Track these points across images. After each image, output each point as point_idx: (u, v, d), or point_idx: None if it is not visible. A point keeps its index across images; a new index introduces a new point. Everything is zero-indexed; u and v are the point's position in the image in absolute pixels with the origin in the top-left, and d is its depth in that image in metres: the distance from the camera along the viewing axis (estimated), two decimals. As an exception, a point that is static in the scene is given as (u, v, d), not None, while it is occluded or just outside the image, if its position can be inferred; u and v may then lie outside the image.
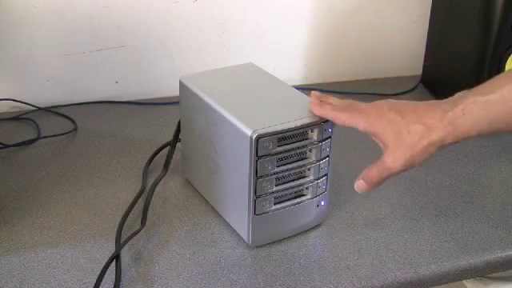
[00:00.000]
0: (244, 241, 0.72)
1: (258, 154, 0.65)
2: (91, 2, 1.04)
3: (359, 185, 0.67)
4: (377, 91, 1.18)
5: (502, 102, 0.57)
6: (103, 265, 0.66)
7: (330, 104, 0.68)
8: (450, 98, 0.62)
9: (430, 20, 1.16)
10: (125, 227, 0.74)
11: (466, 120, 0.59)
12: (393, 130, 0.61)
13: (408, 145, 0.60)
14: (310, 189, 0.72)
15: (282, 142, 0.67)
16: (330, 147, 0.71)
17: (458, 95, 0.62)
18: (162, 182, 0.83)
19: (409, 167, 0.62)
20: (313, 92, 0.70)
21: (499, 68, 0.99)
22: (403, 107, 0.63)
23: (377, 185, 0.65)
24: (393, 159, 0.62)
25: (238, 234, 0.73)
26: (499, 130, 0.59)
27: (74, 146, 0.95)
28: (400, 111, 0.62)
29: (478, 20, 0.99)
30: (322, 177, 0.72)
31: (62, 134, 0.98)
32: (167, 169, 0.85)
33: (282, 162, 0.68)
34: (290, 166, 0.69)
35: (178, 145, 0.85)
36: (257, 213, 0.69)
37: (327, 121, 0.68)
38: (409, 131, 0.60)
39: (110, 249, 0.70)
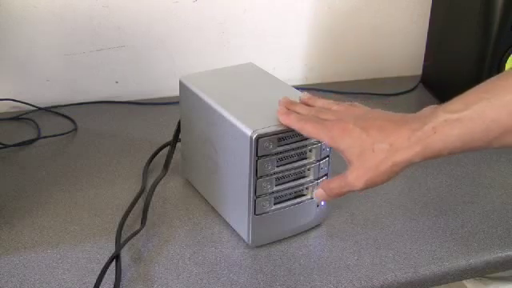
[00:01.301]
0: (244, 241, 0.72)
1: (258, 154, 0.65)
2: (91, 1, 1.04)
3: (318, 193, 0.66)
4: (377, 91, 1.18)
5: (476, 120, 0.53)
6: (103, 265, 0.66)
7: (297, 114, 0.65)
8: (418, 114, 0.58)
9: (430, 20, 1.16)
10: (125, 227, 0.74)
11: (437, 139, 0.55)
12: (357, 148, 0.59)
13: (371, 164, 0.58)
14: (310, 189, 0.72)
15: (282, 142, 0.67)
16: (330, 147, 0.71)
17: (427, 111, 0.58)
18: (162, 181, 0.83)
19: (371, 186, 0.59)
20: (281, 99, 0.68)
21: (499, 68, 0.99)
22: (369, 124, 0.59)
23: (335, 197, 0.64)
24: (355, 177, 0.59)
25: (238, 234, 0.73)
26: (474, 148, 0.55)
27: (74, 146, 0.95)
28: (365, 128, 0.59)
29: (478, 20, 0.99)
30: (322, 177, 0.72)
31: (62, 134, 0.98)
32: (167, 169, 0.85)
33: (282, 162, 0.68)
34: (289, 166, 0.69)
35: (178, 145, 0.85)
36: (257, 213, 0.69)
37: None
38: (373, 150, 0.57)
39: (110, 249, 0.70)
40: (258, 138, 0.64)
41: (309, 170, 0.71)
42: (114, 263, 0.67)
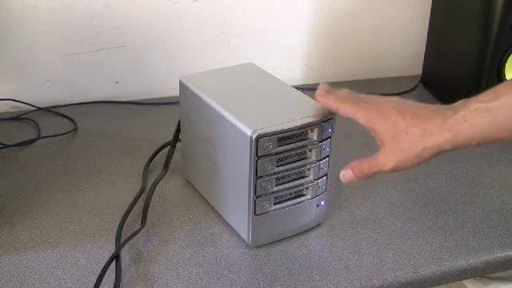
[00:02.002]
0: (244, 241, 0.72)
1: (258, 154, 0.65)
2: (91, 1, 1.04)
3: (346, 174, 0.66)
4: (377, 91, 1.17)
5: (505, 110, 0.57)
6: (103, 265, 0.66)
7: (335, 96, 0.67)
8: (451, 105, 0.61)
9: (430, 20, 1.16)
10: (125, 227, 0.74)
11: (467, 128, 0.58)
12: (391, 130, 0.61)
13: (403, 147, 0.60)
14: (310, 189, 0.72)
15: (282, 142, 0.67)
16: (330, 147, 0.71)
17: (459, 102, 0.61)
18: (161, 181, 0.83)
19: (400, 169, 0.62)
20: (321, 83, 0.70)
21: (499, 68, 0.99)
22: (406, 109, 0.62)
23: (364, 178, 0.65)
24: (386, 158, 0.62)
25: (238, 234, 0.73)
26: (501, 139, 0.58)
27: (74, 146, 0.95)
28: (402, 112, 0.62)
29: (478, 20, 0.99)
30: (322, 177, 0.72)
31: (62, 134, 0.98)
32: (167, 169, 0.85)
33: (282, 162, 0.68)
34: (289, 166, 0.69)
35: (178, 145, 0.85)
36: (257, 213, 0.69)
37: (327, 121, 0.68)
38: (407, 133, 0.60)
39: (110, 249, 0.70)
40: (258, 137, 0.64)
41: (309, 169, 0.71)
42: (114, 263, 0.67)
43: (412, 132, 0.60)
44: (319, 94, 0.68)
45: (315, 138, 0.69)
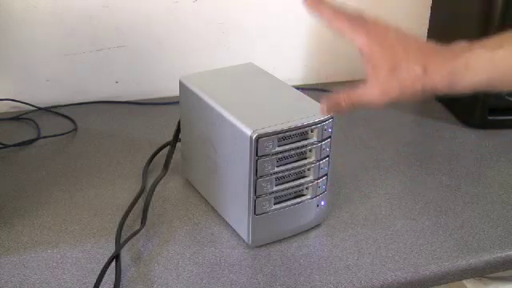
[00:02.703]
0: (244, 241, 0.72)
1: (258, 154, 0.65)
2: (91, 2, 1.04)
3: (329, 101, 0.61)
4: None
5: (509, 58, 0.55)
6: (103, 265, 0.66)
7: (332, 6, 0.61)
8: (454, 46, 0.58)
9: (430, 20, 1.16)
10: (125, 227, 0.74)
11: (467, 74, 0.56)
12: (390, 61, 0.58)
13: (402, 83, 0.57)
14: (310, 189, 0.72)
15: (282, 142, 0.67)
16: (330, 147, 0.71)
17: (462, 45, 0.58)
18: (161, 181, 0.83)
19: (391, 101, 0.58)
20: None
21: (499, 68, 0.99)
22: (408, 41, 0.59)
23: (350, 108, 0.60)
24: (381, 91, 0.58)
25: (237, 234, 0.73)
26: (496, 87, 0.57)
27: (74, 146, 0.95)
28: (404, 44, 0.58)
29: (478, 20, 0.99)
30: (322, 177, 0.72)
31: (62, 134, 0.98)
32: (167, 169, 0.85)
33: (282, 162, 0.68)
34: (289, 166, 0.69)
35: (178, 145, 0.85)
36: (257, 213, 0.69)
37: (327, 121, 0.68)
38: (407, 68, 0.57)
39: (110, 249, 0.70)
40: (258, 137, 0.64)
41: (309, 169, 0.71)
42: (114, 263, 0.67)
43: (412, 68, 0.57)
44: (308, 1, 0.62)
45: (315, 138, 0.69)
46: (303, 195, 0.72)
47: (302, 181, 0.71)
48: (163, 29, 1.10)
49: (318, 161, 0.71)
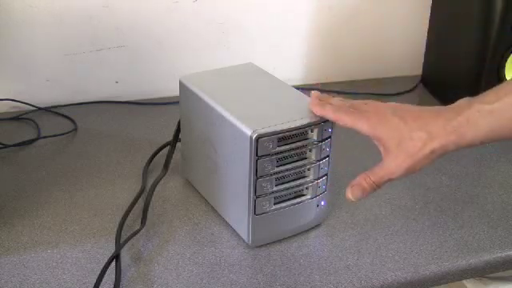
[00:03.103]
0: (244, 241, 0.72)
1: (258, 154, 0.65)
2: (91, 2, 1.04)
3: (355, 190, 0.65)
4: (377, 91, 1.18)
5: (507, 111, 0.57)
6: (103, 265, 0.66)
7: (331, 104, 0.67)
8: (453, 106, 0.61)
9: (430, 20, 1.16)
10: (125, 227, 0.74)
11: (470, 129, 0.58)
12: (395, 136, 0.61)
13: (410, 152, 0.60)
14: (310, 189, 0.72)
15: (282, 142, 0.67)
16: (330, 147, 0.71)
17: (461, 103, 0.61)
18: (161, 181, 0.83)
19: (409, 173, 0.62)
20: (313, 92, 0.70)
21: (499, 68, 0.99)
22: (406, 113, 0.62)
23: (374, 190, 0.65)
24: (396, 165, 0.61)
25: (237, 234, 0.73)
26: (503, 138, 0.59)
27: (74, 146, 0.95)
28: (403, 117, 0.61)
29: (478, 20, 0.99)
30: (322, 177, 0.72)
31: (62, 134, 0.98)
32: (167, 169, 0.85)
33: (282, 162, 0.68)
34: (289, 166, 0.69)
35: (178, 145, 0.85)
36: (257, 213, 0.69)
37: (327, 121, 0.68)
38: (411, 138, 0.60)
39: (110, 249, 0.70)
40: (258, 137, 0.64)
41: (309, 169, 0.71)
42: (113, 263, 0.67)
43: (417, 136, 0.60)
44: (313, 104, 0.68)
45: (315, 138, 0.69)
46: (303, 195, 0.72)
47: (301, 181, 0.71)
48: (163, 29, 1.10)
49: (318, 161, 0.71)
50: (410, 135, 0.60)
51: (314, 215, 0.74)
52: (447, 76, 1.13)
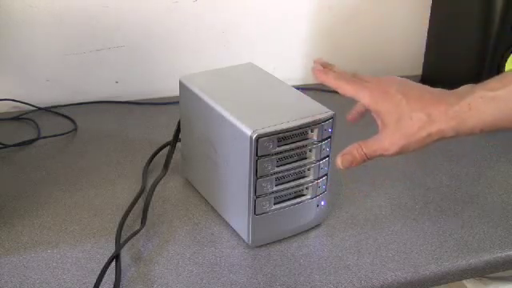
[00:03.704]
0: (244, 241, 0.72)
1: (258, 154, 0.65)
2: (91, 2, 1.04)
3: (344, 159, 0.64)
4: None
5: (509, 100, 0.56)
6: (103, 265, 0.66)
7: (334, 72, 0.66)
8: (457, 91, 0.60)
9: (430, 20, 1.16)
10: (125, 227, 0.74)
11: (472, 116, 0.57)
12: (395, 113, 0.60)
13: (407, 131, 0.60)
14: (310, 189, 0.72)
15: (282, 142, 0.67)
16: (330, 147, 0.71)
17: (464, 88, 0.60)
18: (161, 181, 0.83)
19: (403, 153, 0.61)
20: (316, 58, 0.69)
21: (499, 68, 0.99)
22: (410, 91, 0.61)
23: (363, 162, 0.64)
24: (390, 141, 0.61)
25: (237, 234, 0.73)
26: (503, 128, 0.58)
27: (74, 146, 0.95)
28: (406, 95, 0.60)
29: (478, 20, 0.99)
30: (322, 177, 0.72)
31: (62, 134, 0.98)
32: (167, 169, 0.85)
33: (282, 162, 0.68)
34: (289, 166, 0.69)
35: (178, 145, 0.85)
36: (257, 213, 0.69)
37: (327, 121, 0.68)
38: (411, 118, 0.59)
39: (110, 249, 0.70)
40: (258, 137, 0.64)
41: (309, 169, 0.71)
42: (113, 263, 0.67)
43: (416, 117, 0.59)
44: (317, 69, 0.67)
45: (315, 138, 0.69)
46: (303, 195, 0.72)
47: (301, 181, 0.71)
48: (163, 29, 1.10)
49: (318, 161, 0.71)
50: (410, 115, 0.59)
51: (313, 215, 0.74)
52: (447, 76, 1.13)
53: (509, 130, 0.58)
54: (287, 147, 0.67)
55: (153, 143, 0.93)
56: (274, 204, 0.70)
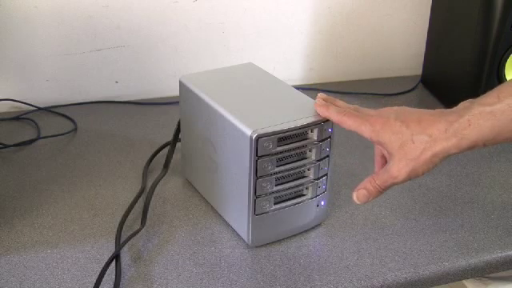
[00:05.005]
0: (244, 241, 0.72)
1: (258, 154, 0.65)
2: (91, 1, 1.04)
3: (360, 194, 0.66)
4: (377, 91, 1.18)
5: (508, 112, 0.57)
6: (103, 265, 0.66)
7: (336, 106, 0.67)
8: (455, 109, 0.61)
9: (430, 20, 1.16)
10: (125, 227, 0.74)
11: (472, 131, 0.58)
12: (397, 141, 0.61)
13: (412, 155, 0.60)
14: (310, 189, 0.72)
15: (282, 142, 0.67)
16: (330, 147, 0.71)
17: (462, 105, 0.61)
18: (161, 181, 0.83)
19: (413, 177, 0.62)
20: (319, 94, 0.70)
21: (499, 68, 0.99)
22: (408, 116, 0.62)
23: (379, 194, 0.65)
24: (398, 169, 0.61)
25: (238, 234, 0.73)
26: (505, 140, 0.59)
27: (74, 146, 0.95)
28: (405, 121, 0.61)
29: (478, 20, 0.99)
30: (322, 177, 0.72)
31: (62, 134, 0.98)
32: (167, 169, 0.85)
33: (282, 162, 0.68)
34: (289, 166, 0.69)
35: (178, 145, 0.85)
36: (257, 213, 0.69)
37: (327, 121, 0.68)
38: (413, 141, 0.60)
39: (110, 249, 0.70)
40: (258, 137, 0.64)
41: (309, 169, 0.71)
42: (113, 263, 0.67)
43: (418, 139, 0.60)
44: (319, 104, 0.68)
45: (315, 138, 0.69)
46: (303, 195, 0.72)
47: (301, 181, 0.71)
48: (163, 28, 1.10)
49: (318, 161, 0.71)
50: (412, 139, 0.60)
51: (313, 215, 0.74)
52: (447, 76, 1.13)
53: (509, 141, 0.59)
54: (287, 147, 0.67)
55: (153, 143, 0.93)
56: (274, 204, 0.70)
